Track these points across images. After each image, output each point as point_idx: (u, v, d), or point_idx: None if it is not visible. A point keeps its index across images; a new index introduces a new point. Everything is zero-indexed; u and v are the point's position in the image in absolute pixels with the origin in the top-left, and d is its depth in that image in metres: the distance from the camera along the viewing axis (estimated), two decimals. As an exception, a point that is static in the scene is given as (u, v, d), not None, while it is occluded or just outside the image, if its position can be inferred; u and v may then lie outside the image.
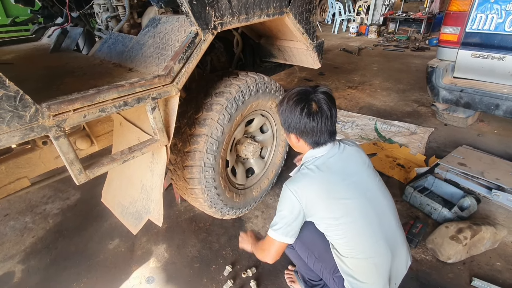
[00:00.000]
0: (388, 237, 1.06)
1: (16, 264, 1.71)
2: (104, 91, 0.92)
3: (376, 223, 1.04)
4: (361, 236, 1.02)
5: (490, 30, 2.00)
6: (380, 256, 1.04)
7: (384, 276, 1.05)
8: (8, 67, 1.44)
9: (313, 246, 1.16)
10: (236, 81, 1.51)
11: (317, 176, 1.03)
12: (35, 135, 0.82)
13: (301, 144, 1.09)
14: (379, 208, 1.07)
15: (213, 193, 1.56)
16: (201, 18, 1.14)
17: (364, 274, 1.04)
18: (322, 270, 1.17)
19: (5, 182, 1.31)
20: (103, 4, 1.69)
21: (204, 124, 1.39)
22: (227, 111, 1.44)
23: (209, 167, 1.47)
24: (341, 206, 1.01)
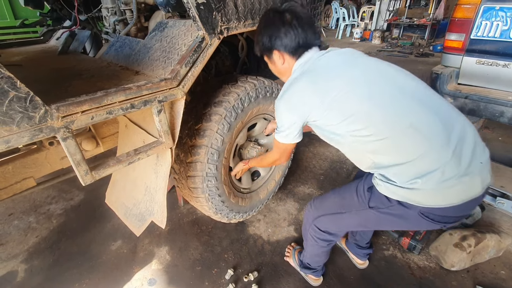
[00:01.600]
0: (422, 100, 0.92)
1: (20, 264, 1.72)
2: (111, 94, 0.93)
3: (396, 93, 0.92)
4: (382, 110, 0.90)
5: (495, 37, 2.00)
6: (415, 114, 0.89)
7: (437, 139, 0.87)
8: (17, 69, 1.46)
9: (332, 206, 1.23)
10: (234, 88, 1.49)
11: (307, 79, 0.99)
12: (43, 136, 0.83)
13: (286, 60, 1.08)
14: (397, 80, 0.96)
15: (217, 200, 1.57)
16: (208, 23, 1.15)
17: (406, 149, 0.89)
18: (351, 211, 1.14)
19: (12, 182, 1.32)
20: (111, 8, 1.72)
21: (204, 135, 1.39)
22: (226, 120, 1.43)
23: (211, 176, 1.47)
24: (344, 98, 0.92)
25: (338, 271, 1.63)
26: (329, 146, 2.90)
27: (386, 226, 1.15)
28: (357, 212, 1.11)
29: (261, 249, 1.77)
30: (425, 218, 0.94)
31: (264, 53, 1.15)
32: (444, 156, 0.86)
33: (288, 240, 1.83)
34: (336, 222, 1.24)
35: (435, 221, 0.94)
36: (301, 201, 2.16)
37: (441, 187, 0.87)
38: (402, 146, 0.89)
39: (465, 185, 0.88)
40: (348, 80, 0.94)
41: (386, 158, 0.94)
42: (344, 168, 2.53)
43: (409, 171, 0.89)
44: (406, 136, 0.89)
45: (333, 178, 2.35)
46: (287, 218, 2.01)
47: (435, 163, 0.87)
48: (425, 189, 0.88)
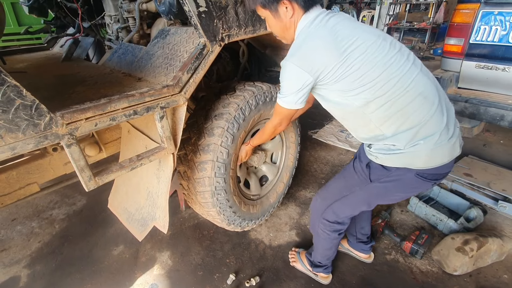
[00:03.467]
0: (422, 69, 1.00)
1: (22, 269, 1.73)
2: (115, 101, 0.95)
3: (405, 62, 0.97)
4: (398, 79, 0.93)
5: (494, 42, 2.02)
6: (423, 83, 0.97)
7: (437, 107, 0.97)
8: (21, 76, 1.49)
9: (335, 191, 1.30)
10: (233, 98, 1.47)
11: (326, 31, 0.94)
12: (48, 143, 0.84)
13: (295, 12, 1.00)
14: (403, 49, 1.00)
15: (229, 212, 1.56)
16: (209, 30, 1.17)
17: (415, 116, 0.96)
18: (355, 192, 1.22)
19: (16, 187, 1.34)
20: (114, 15, 1.75)
21: (208, 150, 1.38)
22: (229, 132, 1.41)
23: (220, 189, 1.46)
24: (363, 62, 0.92)
25: (340, 275, 1.62)
26: (330, 150, 2.91)
27: (387, 195, 1.18)
28: (361, 189, 1.19)
29: (263, 253, 1.77)
30: (421, 177, 1.05)
31: (267, 5, 1.01)
32: (441, 122, 0.98)
33: (290, 244, 1.83)
34: (343, 206, 1.29)
35: (428, 179, 1.06)
36: (302, 206, 2.16)
37: (437, 148, 0.98)
38: (412, 113, 0.96)
39: (452, 146, 1.02)
40: (367, 44, 0.93)
41: (395, 126, 0.98)
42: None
43: (414, 135, 0.97)
44: (417, 104, 0.96)
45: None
46: (288, 223, 2.01)
47: (435, 127, 0.98)
48: (424, 150, 0.98)
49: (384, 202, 1.30)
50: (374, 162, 1.10)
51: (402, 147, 0.99)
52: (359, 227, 1.61)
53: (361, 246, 1.65)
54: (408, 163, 1.02)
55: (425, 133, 0.97)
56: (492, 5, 1.97)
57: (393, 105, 0.95)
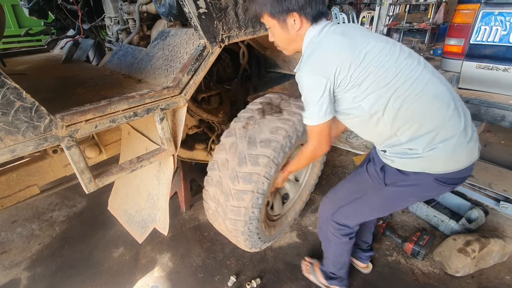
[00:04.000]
0: (433, 71, 1.00)
1: (22, 271, 1.73)
2: (115, 102, 0.95)
3: (416, 65, 0.97)
4: (411, 82, 0.93)
5: (495, 42, 2.01)
6: (436, 85, 0.96)
7: (452, 109, 0.95)
8: (21, 78, 1.49)
9: (344, 196, 1.27)
10: (282, 123, 1.34)
11: (337, 35, 0.95)
12: (48, 145, 0.84)
13: (303, 26, 0.99)
14: (412, 53, 1.00)
15: (255, 238, 1.48)
16: (209, 32, 1.17)
17: (431, 119, 0.95)
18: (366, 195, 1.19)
19: (16, 190, 1.33)
20: (114, 17, 1.75)
21: (250, 180, 1.25)
22: (274, 162, 1.28)
23: (253, 219, 1.36)
24: (377, 66, 0.92)
25: (341, 277, 1.62)
26: (330, 151, 2.90)
27: (401, 200, 1.14)
28: (374, 192, 1.16)
29: (264, 255, 1.77)
30: (439, 182, 1.02)
31: (276, 15, 0.99)
32: (459, 124, 0.96)
33: (290, 246, 1.82)
34: (355, 209, 1.24)
35: (447, 183, 1.03)
36: (303, 207, 2.15)
37: (456, 151, 0.96)
38: (429, 117, 0.95)
39: (470, 150, 0.99)
40: (378, 48, 0.93)
41: (411, 131, 0.96)
42: (346, 173, 2.53)
43: (432, 138, 0.95)
44: (433, 107, 0.94)
45: (335, 183, 2.34)
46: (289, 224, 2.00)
47: (453, 130, 0.96)
48: (443, 153, 0.96)
49: (397, 208, 1.27)
50: (390, 166, 1.07)
51: (421, 151, 0.97)
52: (360, 233, 1.53)
53: (359, 253, 1.60)
54: (427, 167, 1.00)
55: (444, 136, 0.95)
56: (492, 6, 1.97)
57: (409, 109, 0.94)
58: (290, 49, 1.11)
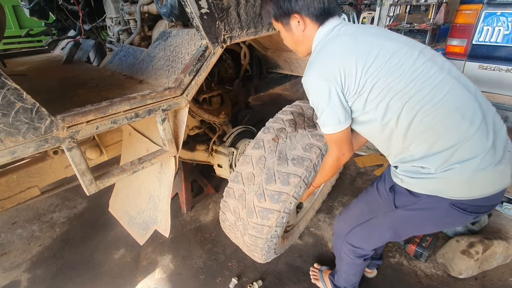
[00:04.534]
0: (461, 81, 0.87)
1: (23, 273, 1.72)
2: (116, 103, 0.94)
3: (438, 73, 0.85)
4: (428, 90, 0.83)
5: (497, 43, 2.01)
6: (460, 97, 0.83)
7: (478, 126, 0.82)
8: (22, 79, 1.48)
9: (359, 215, 1.15)
10: (316, 140, 1.28)
11: (344, 37, 0.90)
12: (49, 146, 0.83)
13: (307, 27, 0.96)
14: (437, 59, 0.89)
15: (271, 253, 1.43)
16: (211, 32, 1.16)
17: (450, 134, 0.83)
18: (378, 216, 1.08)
19: (16, 191, 1.32)
20: (115, 18, 1.74)
21: (279, 200, 1.18)
22: (305, 182, 1.21)
23: (274, 237, 1.30)
24: (388, 70, 0.84)
25: (344, 279, 1.60)
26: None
27: (416, 226, 1.02)
28: (385, 215, 1.05)
29: (265, 257, 1.76)
30: (457, 209, 0.88)
31: (279, 19, 0.99)
32: (483, 143, 0.83)
33: (292, 248, 1.81)
34: (367, 231, 1.15)
35: (468, 211, 0.89)
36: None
37: (477, 174, 0.83)
38: (445, 132, 0.84)
39: (499, 174, 0.85)
40: (390, 52, 0.85)
41: (425, 146, 0.86)
42: (347, 174, 2.52)
43: (448, 157, 0.84)
44: (452, 121, 0.83)
45: (337, 184, 2.33)
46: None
47: (475, 149, 0.82)
48: (460, 176, 0.83)
49: (415, 233, 1.13)
50: (400, 186, 0.96)
51: (433, 171, 0.85)
52: None
53: (374, 263, 1.53)
54: (439, 190, 0.87)
55: (463, 155, 0.83)
56: (495, 6, 1.96)
57: (423, 121, 0.83)
58: (301, 51, 1.07)
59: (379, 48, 0.86)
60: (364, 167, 2.59)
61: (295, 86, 4.81)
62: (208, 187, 2.25)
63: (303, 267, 1.68)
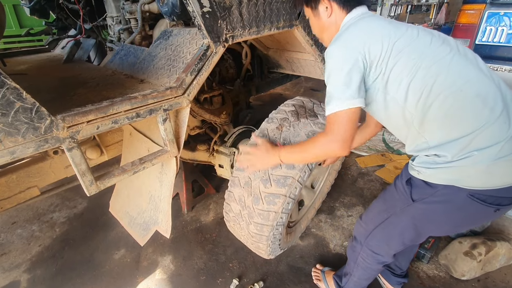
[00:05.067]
0: (483, 69, 0.86)
1: (22, 273, 1.71)
2: (117, 103, 0.93)
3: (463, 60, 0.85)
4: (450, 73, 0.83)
5: (500, 43, 1.99)
6: (481, 83, 0.83)
7: (499, 113, 0.80)
8: (22, 78, 1.47)
9: (377, 215, 1.12)
10: (318, 128, 1.32)
11: (369, 18, 0.93)
12: (49, 147, 0.82)
13: (334, 12, 1.00)
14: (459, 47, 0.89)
15: (276, 245, 1.43)
16: (213, 31, 1.15)
17: (469, 121, 0.81)
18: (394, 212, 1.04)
19: (16, 191, 1.31)
20: (116, 17, 1.73)
21: (285, 183, 1.20)
22: (309, 167, 1.24)
23: (280, 225, 1.30)
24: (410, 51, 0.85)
25: (345, 280, 1.59)
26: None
27: (436, 222, 0.98)
28: (402, 211, 1.01)
29: (266, 258, 1.75)
30: (476, 200, 0.85)
31: (309, 3, 1.03)
32: (505, 130, 0.80)
33: (294, 249, 1.80)
34: (386, 232, 1.10)
35: (488, 203, 0.85)
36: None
37: (497, 163, 0.80)
38: (464, 118, 0.82)
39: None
40: (413, 36, 0.87)
41: (442, 133, 0.84)
42: (349, 175, 2.51)
43: (467, 145, 0.82)
44: (471, 107, 0.81)
45: (338, 185, 2.32)
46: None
47: (495, 137, 0.80)
48: (478, 164, 0.81)
49: (436, 233, 1.07)
50: (416, 178, 0.94)
51: (450, 158, 0.83)
52: (396, 257, 1.34)
53: (390, 276, 1.46)
54: (456, 180, 0.85)
55: (481, 143, 0.81)
56: (498, 6, 1.95)
57: (442, 107, 0.82)
58: (326, 39, 1.09)
59: (405, 29, 0.88)
60: (365, 168, 2.58)
61: (296, 86, 4.81)
62: (209, 187, 2.24)
63: (304, 268, 1.67)
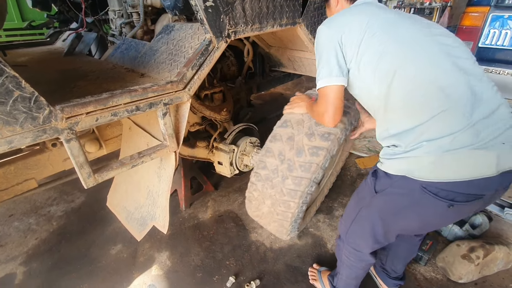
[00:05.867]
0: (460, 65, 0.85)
1: (18, 266, 1.70)
2: (117, 95, 0.92)
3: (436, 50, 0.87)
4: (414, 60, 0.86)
5: (504, 46, 1.99)
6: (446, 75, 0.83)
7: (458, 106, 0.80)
8: (22, 69, 1.46)
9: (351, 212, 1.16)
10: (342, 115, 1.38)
11: (355, 6, 1.05)
12: (47, 137, 0.81)
13: (339, 3, 1.14)
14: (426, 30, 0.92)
15: (297, 224, 1.44)
16: (216, 26, 1.14)
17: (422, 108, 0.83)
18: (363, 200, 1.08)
19: (13, 183, 1.30)
20: (118, 11, 1.72)
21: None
22: (330, 154, 1.27)
23: (304, 203, 1.34)
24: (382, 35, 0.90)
25: (342, 280, 1.59)
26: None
27: (400, 216, 0.97)
28: (369, 203, 1.03)
29: (264, 256, 1.74)
30: (428, 192, 0.84)
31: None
32: (459, 122, 0.80)
33: (290, 247, 1.79)
34: (360, 226, 1.12)
35: (439, 196, 0.83)
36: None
37: (447, 155, 0.80)
38: (418, 106, 0.84)
39: (475, 160, 0.79)
40: (387, 20, 0.94)
41: (397, 118, 0.89)
42: (348, 175, 2.50)
43: (419, 135, 0.84)
44: (427, 94, 0.83)
45: (338, 186, 2.32)
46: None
47: (448, 127, 0.80)
48: (427, 155, 0.82)
49: (403, 230, 1.07)
50: (380, 169, 0.97)
51: (404, 148, 0.86)
52: (391, 260, 1.40)
53: (385, 278, 1.45)
54: (407, 170, 0.86)
55: (433, 133, 0.81)
56: (502, 9, 1.94)
57: (401, 94, 0.85)
58: None
59: (384, 13, 0.95)
60: (365, 169, 2.57)
61: (297, 86, 4.79)
62: (208, 185, 2.24)
63: (301, 268, 1.66)
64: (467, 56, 0.90)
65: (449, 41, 0.90)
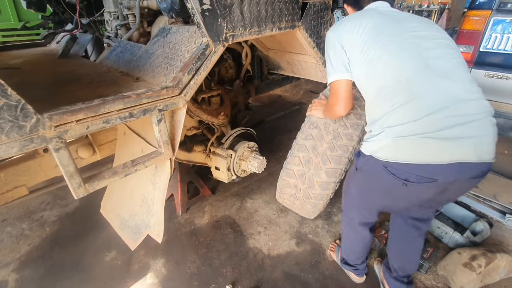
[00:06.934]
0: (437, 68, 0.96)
1: (10, 273, 1.65)
2: (109, 102, 0.88)
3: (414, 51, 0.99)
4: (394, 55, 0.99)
5: (506, 50, 1.96)
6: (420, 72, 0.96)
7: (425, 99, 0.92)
8: (14, 72, 1.42)
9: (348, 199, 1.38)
10: (362, 109, 1.55)
11: (356, 14, 1.18)
12: (34, 147, 0.78)
13: (348, 11, 1.31)
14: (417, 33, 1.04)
15: (324, 205, 1.71)
16: (213, 30, 1.11)
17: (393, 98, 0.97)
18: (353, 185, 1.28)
19: (3, 190, 1.26)
20: (113, 12, 1.69)
21: (340, 162, 1.51)
22: (355, 148, 1.54)
23: (338, 183, 1.58)
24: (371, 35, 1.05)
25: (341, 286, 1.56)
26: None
27: (371, 191, 1.17)
28: (353, 179, 1.25)
29: (261, 263, 1.70)
30: (388, 172, 0.99)
31: None
32: (414, 115, 0.91)
33: (289, 254, 1.76)
34: (348, 198, 1.36)
35: (397, 176, 0.97)
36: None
37: (398, 140, 0.94)
38: (384, 98, 1.00)
39: (425, 147, 0.90)
40: (390, 21, 1.06)
41: (373, 107, 1.07)
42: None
43: (384, 122, 0.99)
44: (395, 87, 0.97)
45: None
46: (288, 231, 1.94)
47: (402, 118, 0.94)
48: (385, 139, 0.97)
49: (377, 202, 1.23)
50: (360, 150, 1.15)
51: (373, 133, 1.04)
52: (399, 261, 1.43)
53: (395, 284, 1.44)
54: (374, 151, 1.03)
55: (392, 121, 0.97)
56: (504, 13, 1.92)
57: (374, 82, 1.03)
58: None
59: (387, 17, 1.07)
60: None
61: (295, 88, 4.76)
62: (205, 189, 2.20)
63: (299, 276, 1.63)
64: (445, 56, 1.00)
65: (430, 44, 1.01)
